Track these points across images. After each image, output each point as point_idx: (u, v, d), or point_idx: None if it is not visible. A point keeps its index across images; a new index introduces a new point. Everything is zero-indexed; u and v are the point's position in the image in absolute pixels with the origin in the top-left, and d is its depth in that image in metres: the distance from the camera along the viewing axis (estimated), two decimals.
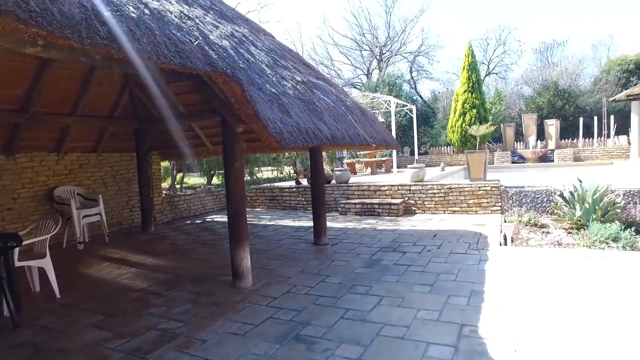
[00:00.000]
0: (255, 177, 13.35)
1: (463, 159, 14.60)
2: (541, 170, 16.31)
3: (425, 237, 6.29)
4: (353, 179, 11.14)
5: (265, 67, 4.42)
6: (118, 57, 2.25)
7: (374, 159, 15.04)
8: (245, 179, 12.39)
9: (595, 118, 18.50)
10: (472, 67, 18.73)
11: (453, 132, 18.92)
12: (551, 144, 18.88)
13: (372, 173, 14.42)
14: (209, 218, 9.56)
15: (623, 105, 19.26)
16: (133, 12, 2.46)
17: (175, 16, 3.17)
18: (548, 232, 6.41)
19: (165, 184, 11.96)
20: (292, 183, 11.19)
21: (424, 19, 44.41)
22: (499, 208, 7.99)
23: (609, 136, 18.32)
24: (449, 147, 20.21)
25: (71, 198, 6.78)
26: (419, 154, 19.87)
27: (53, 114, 6.19)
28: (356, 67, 34.46)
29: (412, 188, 8.77)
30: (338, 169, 10.97)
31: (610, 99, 17.25)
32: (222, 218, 9.29)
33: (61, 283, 4.36)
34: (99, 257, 6.04)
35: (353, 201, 9.10)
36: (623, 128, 18.19)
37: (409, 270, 4.66)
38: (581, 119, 19.18)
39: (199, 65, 2.91)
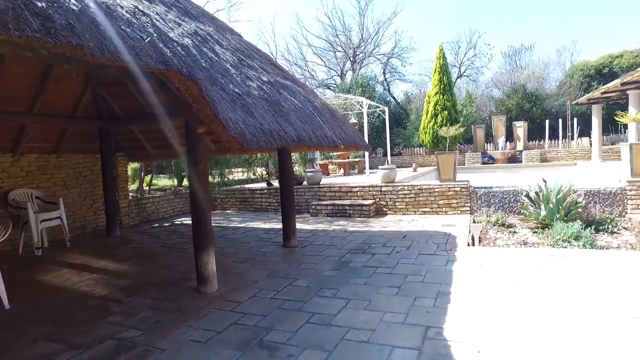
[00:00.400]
0: (226, 179, 13.09)
1: (435, 160, 14.81)
2: (510, 170, 16.70)
3: (395, 238, 6.31)
4: (325, 180, 11.10)
5: (229, 67, 4.30)
6: (57, 52, 2.10)
7: (346, 160, 15.04)
8: (215, 181, 12.19)
9: (560, 120, 19.15)
10: (444, 70, 19.01)
11: (425, 133, 19.16)
12: (519, 145, 19.42)
13: (345, 174, 14.43)
14: (177, 221, 9.32)
15: (585, 109, 20.03)
16: (74, 5, 2.31)
17: (127, 11, 3.02)
18: (515, 232, 6.55)
19: (133, 186, 11.60)
20: (264, 184, 11.05)
21: (397, 22, 45.00)
22: (468, 208, 8.11)
23: (572, 138, 19.02)
24: (421, 148, 20.45)
25: (28, 201, 6.45)
26: (393, 155, 20.03)
27: (7, 112, 5.85)
28: (330, 68, 34.51)
29: (383, 189, 8.81)
30: (310, 170, 10.91)
31: (574, 102, 17.92)
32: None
33: (12, 292, 4.11)
34: (58, 263, 5.76)
35: (324, 202, 9.06)
36: (586, 130, 18.93)
37: (377, 272, 4.65)
38: (547, 121, 19.83)
39: (150, 63, 2.77)
